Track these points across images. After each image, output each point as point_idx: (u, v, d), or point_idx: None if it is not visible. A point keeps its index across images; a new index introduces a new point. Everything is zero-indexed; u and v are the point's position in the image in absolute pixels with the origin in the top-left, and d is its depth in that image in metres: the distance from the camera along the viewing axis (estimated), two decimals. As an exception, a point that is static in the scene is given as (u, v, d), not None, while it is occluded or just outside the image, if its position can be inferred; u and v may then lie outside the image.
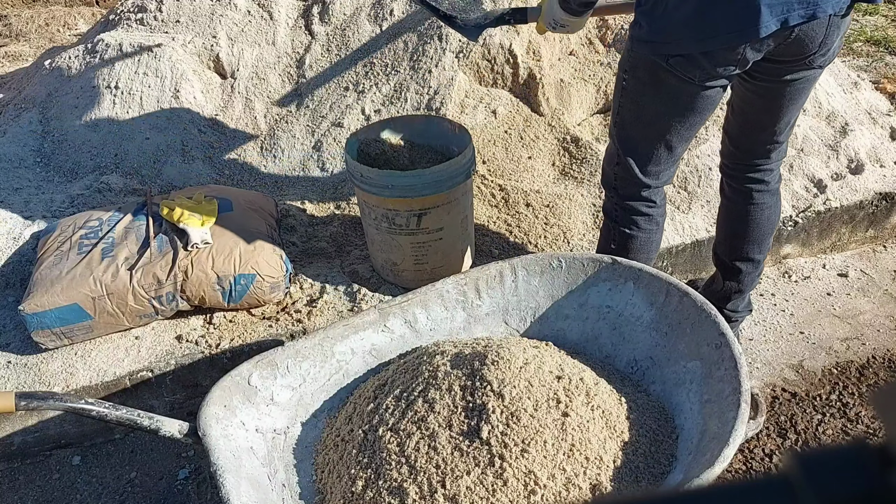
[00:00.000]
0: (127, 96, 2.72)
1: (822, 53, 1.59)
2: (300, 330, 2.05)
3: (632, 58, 1.66)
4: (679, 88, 1.62)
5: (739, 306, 2.12)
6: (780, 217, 2.09)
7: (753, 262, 2.02)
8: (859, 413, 2.05)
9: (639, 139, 1.75)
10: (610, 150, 1.86)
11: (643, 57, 1.62)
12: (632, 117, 1.73)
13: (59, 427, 1.95)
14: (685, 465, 1.37)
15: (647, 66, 1.63)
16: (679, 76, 1.59)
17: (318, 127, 2.69)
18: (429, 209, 2.02)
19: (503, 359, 1.47)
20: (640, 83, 1.66)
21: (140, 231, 2.04)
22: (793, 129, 1.87)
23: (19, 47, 4.54)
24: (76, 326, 1.93)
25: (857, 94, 3.02)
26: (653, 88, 1.65)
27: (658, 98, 1.66)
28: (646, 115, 1.70)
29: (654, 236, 1.91)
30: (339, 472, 1.46)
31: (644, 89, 1.67)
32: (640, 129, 1.74)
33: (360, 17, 2.85)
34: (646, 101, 1.68)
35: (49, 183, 2.60)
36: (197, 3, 2.95)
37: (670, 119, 1.68)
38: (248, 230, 2.08)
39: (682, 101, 1.64)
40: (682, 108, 1.65)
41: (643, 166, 1.78)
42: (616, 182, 1.84)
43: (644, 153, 1.76)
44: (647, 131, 1.73)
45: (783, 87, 1.70)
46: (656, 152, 1.75)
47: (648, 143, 1.74)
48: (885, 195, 2.62)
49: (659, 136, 1.72)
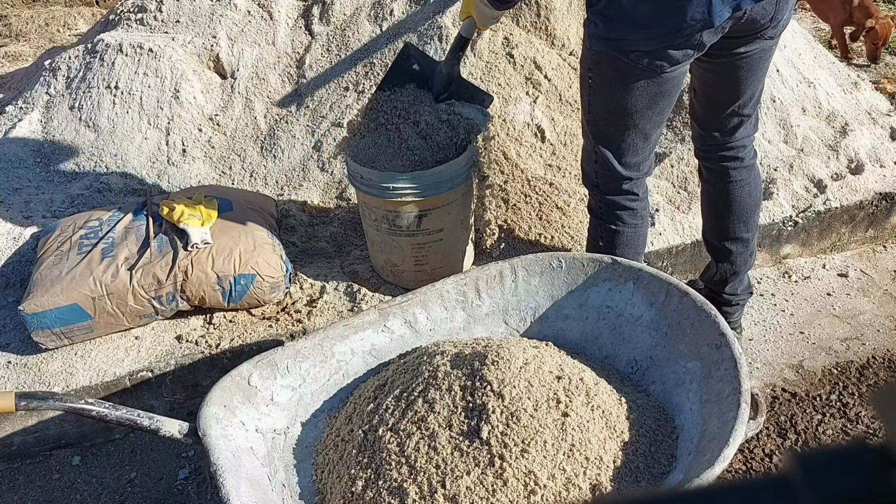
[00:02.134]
0: (127, 96, 2.72)
1: (773, 26, 1.66)
2: (300, 330, 2.04)
3: (593, 55, 1.68)
4: (643, 78, 1.65)
5: (738, 289, 2.13)
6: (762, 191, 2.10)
7: (741, 240, 2.03)
8: (859, 413, 2.05)
9: (613, 132, 1.77)
10: (586, 148, 1.87)
11: (604, 53, 1.65)
12: (603, 112, 1.75)
13: (59, 427, 1.95)
14: (685, 465, 1.37)
15: (608, 61, 1.65)
16: (641, 67, 1.62)
17: (318, 127, 2.69)
18: (429, 210, 2.02)
19: (503, 359, 1.47)
20: (606, 79, 1.69)
21: (140, 231, 2.04)
22: (758, 102, 1.89)
23: (19, 47, 4.54)
24: (76, 326, 1.93)
25: (857, 94, 3.02)
26: (618, 82, 1.68)
27: (624, 90, 1.68)
28: (616, 108, 1.72)
29: (640, 230, 1.92)
30: (339, 473, 1.46)
31: (609, 84, 1.69)
32: (613, 122, 1.75)
33: (360, 17, 2.85)
34: (613, 94, 1.70)
35: (49, 183, 2.60)
36: (197, 3, 2.95)
37: (639, 108, 1.71)
38: (248, 230, 2.08)
39: (648, 90, 1.67)
40: (650, 96, 1.69)
41: (621, 158, 1.80)
42: (597, 179, 1.86)
43: (620, 146, 1.78)
44: (620, 123, 1.75)
45: (739, 61, 1.73)
46: (632, 143, 1.78)
47: (622, 134, 1.76)
48: (885, 195, 2.62)
49: (632, 126, 1.74)
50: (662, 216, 2.43)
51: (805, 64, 2.96)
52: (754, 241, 2.07)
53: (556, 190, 2.48)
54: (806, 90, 2.87)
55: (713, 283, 2.12)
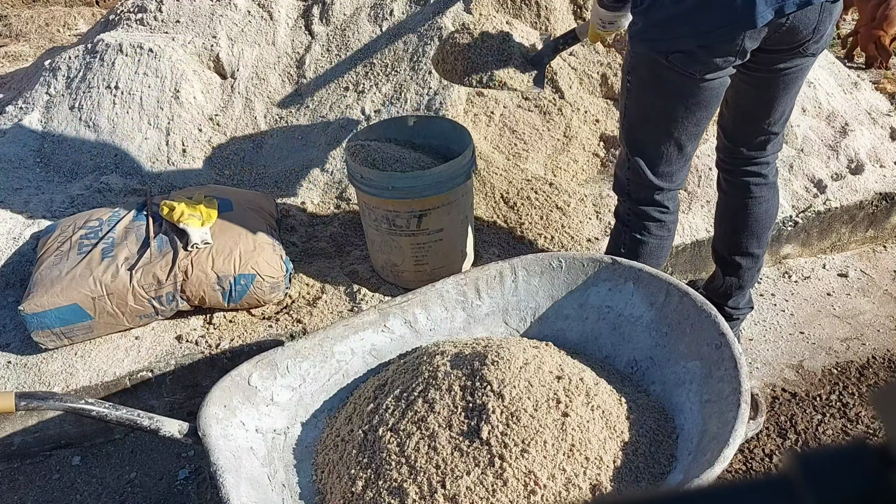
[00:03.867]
0: (127, 96, 2.72)
1: (816, 40, 1.62)
2: (300, 330, 2.04)
3: (632, 58, 1.67)
4: (681, 84, 1.62)
5: (740, 303, 2.12)
6: (779, 211, 2.10)
7: (753, 256, 2.02)
8: (859, 413, 2.05)
9: (647, 140, 1.75)
10: (621, 154, 1.86)
11: (643, 55, 1.63)
12: (638, 118, 1.73)
13: (59, 427, 1.95)
14: (685, 466, 1.37)
15: (647, 64, 1.63)
16: (679, 72, 1.59)
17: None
18: (429, 210, 2.02)
19: (503, 359, 1.47)
20: (643, 82, 1.67)
21: (140, 231, 2.04)
22: (787, 120, 1.87)
23: (19, 47, 4.54)
24: (76, 326, 1.93)
25: (857, 94, 3.02)
26: (655, 86, 1.65)
27: (662, 95, 1.66)
28: (651, 114, 1.70)
29: (666, 242, 1.90)
30: (339, 473, 1.46)
31: (647, 88, 1.67)
32: (648, 129, 1.73)
33: (360, 18, 2.85)
34: (650, 99, 1.68)
35: (49, 183, 2.60)
36: (197, 3, 2.95)
37: (676, 115, 1.68)
38: (248, 230, 2.08)
39: (685, 96, 1.64)
40: (687, 103, 1.65)
41: (654, 167, 1.77)
42: (629, 187, 1.83)
43: (653, 154, 1.76)
44: (655, 131, 1.72)
45: (776, 77, 1.71)
46: (666, 152, 1.75)
47: (657, 142, 1.74)
48: (885, 195, 2.62)
49: (667, 135, 1.71)
50: (662, 216, 2.43)
51: (805, 64, 2.96)
52: (763, 257, 2.06)
53: (556, 190, 2.49)
54: (806, 90, 2.87)
55: (717, 294, 2.10)
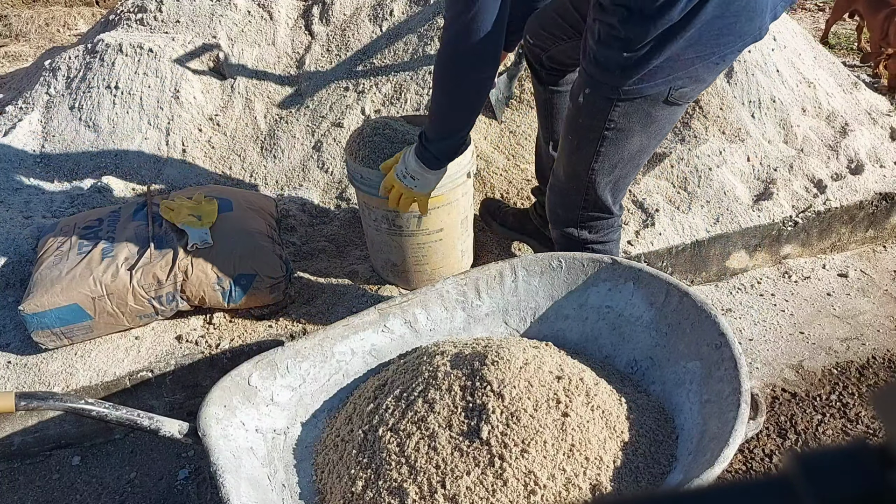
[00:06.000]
0: (127, 96, 2.72)
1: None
2: (300, 330, 2.04)
3: (621, 106, 1.58)
4: (671, 115, 1.62)
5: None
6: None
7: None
8: (859, 413, 2.05)
9: (619, 177, 1.73)
10: (568, 194, 1.79)
11: (633, 102, 1.56)
12: (612, 162, 1.69)
13: (59, 427, 1.95)
14: (685, 466, 1.37)
15: (636, 109, 1.58)
16: (677, 104, 1.58)
17: (318, 127, 2.69)
18: (429, 210, 2.02)
19: (503, 359, 1.47)
20: (626, 130, 1.61)
21: (140, 231, 2.04)
22: None
23: (19, 47, 4.54)
24: (76, 326, 1.93)
25: (857, 94, 3.02)
26: (643, 128, 1.62)
27: (646, 134, 1.64)
28: (628, 153, 1.67)
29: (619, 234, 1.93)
30: (339, 473, 1.46)
31: (630, 134, 1.62)
32: (621, 167, 1.71)
33: (360, 17, 2.85)
34: (631, 141, 1.65)
35: (49, 183, 2.60)
36: (197, 3, 2.95)
37: (651, 147, 1.70)
38: (248, 230, 2.08)
39: (669, 124, 1.66)
40: (666, 130, 1.67)
41: (617, 201, 1.79)
42: (583, 225, 1.82)
43: (621, 188, 1.77)
44: (628, 167, 1.71)
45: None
46: (629, 181, 1.77)
47: (627, 177, 1.74)
48: (885, 195, 2.62)
49: (637, 166, 1.73)
50: (662, 216, 2.43)
51: (805, 64, 2.96)
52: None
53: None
54: (806, 90, 2.87)
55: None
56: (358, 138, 2.07)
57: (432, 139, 1.76)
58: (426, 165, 1.80)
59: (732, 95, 2.74)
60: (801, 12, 5.15)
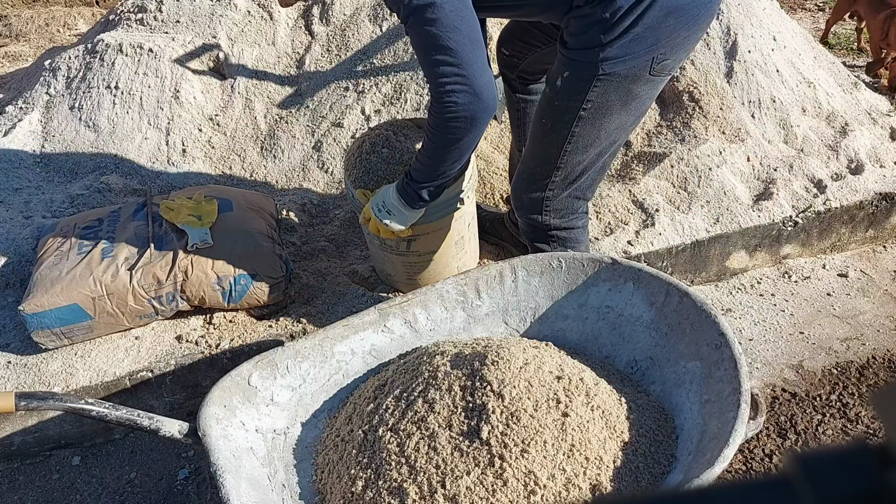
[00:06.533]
0: (127, 96, 2.72)
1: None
2: (300, 330, 2.04)
3: (600, 86, 1.58)
4: (653, 89, 1.63)
5: None
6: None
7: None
8: (859, 413, 2.05)
9: (592, 158, 1.72)
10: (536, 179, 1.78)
11: (615, 77, 1.56)
12: (586, 142, 1.68)
13: (59, 427, 1.95)
14: (685, 465, 1.37)
15: (618, 85, 1.58)
16: (659, 75, 1.59)
17: (318, 127, 2.69)
18: (418, 236, 1.97)
19: (503, 359, 1.47)
20: (605, 107, 1.61)
21: (140, 231, 2.04)
22: None
23: (19, 47, 4.54)
24: (76, 326, 1.93)
25: (857, 94, 3.02)
26: (623, 105, 1.62)
27: (625, 111, 1.64)
28: (605, 132, 1.66)
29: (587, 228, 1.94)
30: (339, 473, 1.46)
31: (609, 111, 1.62)
32: (595, 147, 1.69)
33: (360, 17, 2.85)
34: (609, 120, 1.64)
35: (49, 183, 2.60)
36: (197, 3, 2.95)
37: (630, 125, 1.69)
38: (248, 230, 2.08)
39: (649, 101, 1.66)
40: (646, 107, 1.68)
41: (586, 184, 1.78)
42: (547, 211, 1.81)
43: (593, 171, 1.76)
44: (603, 146, 1.70)
45: None
46: (603, 164, 1.77)
47: (600, 158, 1.74)
48: (885, 195, 2.62)
49: (613, 146, 1.72)
50: (662, 216, 2.43)
51: (805, 64, 2.96)
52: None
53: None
54: (806, 90, 2.87)
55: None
56: (357, 153, 1.99)
57: (419, 180, 1.70)
58: (407, 203, 1.75)
59: (732, 95, 2.74)
60: (801, 12, 5.15)
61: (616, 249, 2.32)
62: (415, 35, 1.49)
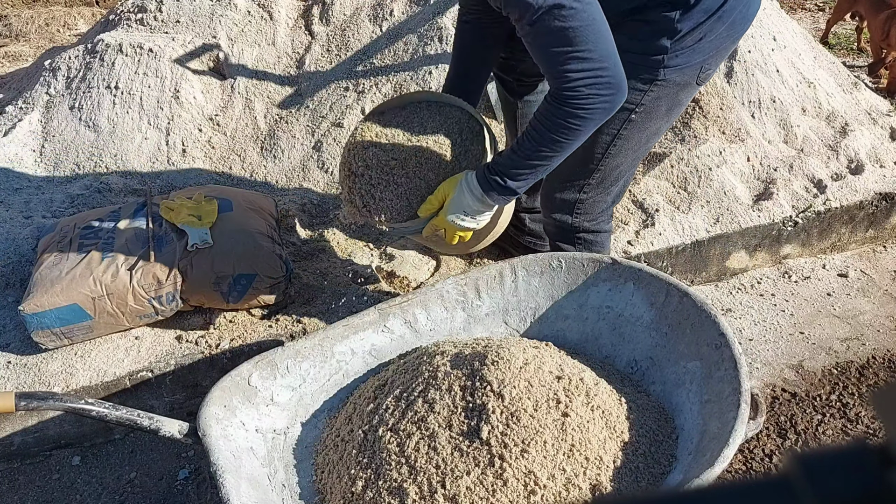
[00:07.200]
0: (127, 96, 2.72)
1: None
2: (300, 330, 2.04)
3: (655, 90, 1.61)
4: (688, 98, 1.68)
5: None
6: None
7: None
8: (859, 413, 2.05)
9: (630, 160, 1.75)
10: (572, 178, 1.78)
11: (670, 84, 1.60)
12: (631, 144, 1.70)
13: (59, 427, 1.95)
14: (685, 466, 1.37)
15: (672, 91, 1.63)
16: (699, 84, 1.65)
17: (318, 127, 2.69)
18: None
19: (503, 359, 1.47)
20: (654, 110, 1.65)
21: (140, 231, 2.04)
22: None
23: (19, 47, 4.54)
24: (76, 326, 1.93)
25: (856, 94, 3.02)
26: (667, 110, 1.67)
27: (666, 117, 1.69)
28: (646, 136, 1.71)
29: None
30: (339, 473, 1.46)
31: (656, 114, 1.67)
32: (634, 150, 1.73)
33: (360, 17, 2.85)
34: (652, 124, 1.69)
35: (49, 183, 2.60)
36: (197, 3, 2.95)
37: (664, 130, 1.74)
38: (248, 230, 2.08)
39: (683, 109, 1.71)
40: (678, 114, 1.72)
41: (618, 188, 1.82)
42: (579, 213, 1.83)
43: (630, 177, 1.80)
44: (640, 150, 1.74)
45: None
46: (635, 166, 1.80)
47: (635, 161, 1.77)
48: (885, 195, 2.62)
49: (646, 150, 1.76)
50: (662, 216, 2.43)
51: (805, 64, 2.96)
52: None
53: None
54: (806, 90, 2.87)
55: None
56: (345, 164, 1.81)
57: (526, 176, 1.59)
58: (496, 202, 1.63)
59: (732, 95, 2.74)
60: (801, 12, 5.16)
61: (616, 249, 2.32)
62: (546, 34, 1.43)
